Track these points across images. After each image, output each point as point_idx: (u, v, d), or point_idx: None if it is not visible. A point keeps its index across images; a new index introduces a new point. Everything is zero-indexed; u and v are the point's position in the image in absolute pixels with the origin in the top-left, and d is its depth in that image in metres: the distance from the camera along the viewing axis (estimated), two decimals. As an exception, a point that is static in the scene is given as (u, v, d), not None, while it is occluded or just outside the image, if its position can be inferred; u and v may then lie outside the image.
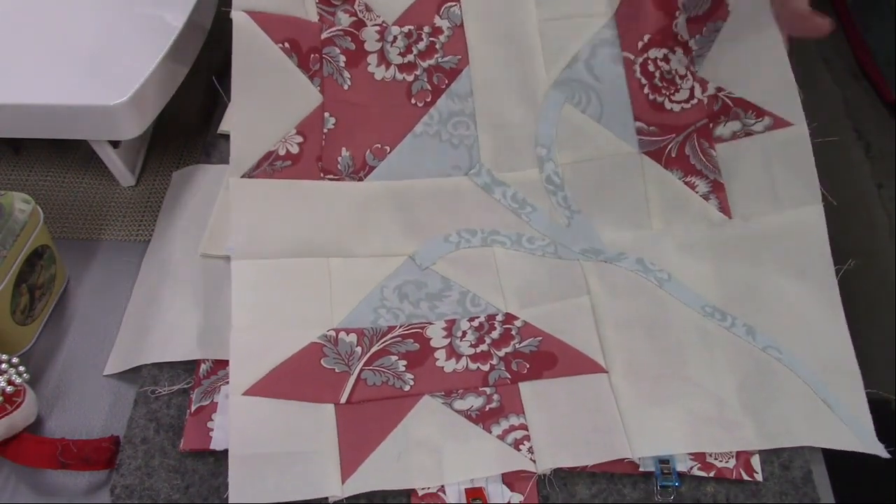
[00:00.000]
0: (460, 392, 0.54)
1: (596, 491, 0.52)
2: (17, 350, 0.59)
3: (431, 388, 0.54)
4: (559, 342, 0.56)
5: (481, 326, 0.57)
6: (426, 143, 0.62)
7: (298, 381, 0.54)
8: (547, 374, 0.55)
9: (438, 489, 0.52)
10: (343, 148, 0.61)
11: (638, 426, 0.52)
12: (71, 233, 0.67)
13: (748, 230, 0.60)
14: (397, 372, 0.55)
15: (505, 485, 0.52)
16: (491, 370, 0.55)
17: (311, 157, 0.60)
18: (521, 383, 0.55)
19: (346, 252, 0.60)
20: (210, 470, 0.53)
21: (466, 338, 0.56)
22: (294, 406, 0.52)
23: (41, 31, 0.65)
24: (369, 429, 0.52)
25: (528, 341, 0.56)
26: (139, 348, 0.58)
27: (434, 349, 0.56)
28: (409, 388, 0.54)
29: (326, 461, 0.50)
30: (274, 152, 0.60)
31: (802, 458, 0.53)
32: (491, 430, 0.53)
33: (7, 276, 0.55)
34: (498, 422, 0.53)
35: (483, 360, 0.56)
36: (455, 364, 0.55)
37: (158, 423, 0.55)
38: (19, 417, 0.52)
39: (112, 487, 0.52)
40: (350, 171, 0.60)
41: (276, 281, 0.57)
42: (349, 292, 0.58)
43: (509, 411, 0.53)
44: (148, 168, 0.72)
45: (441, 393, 0.54)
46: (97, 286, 0.64)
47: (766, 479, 0.52)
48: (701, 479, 0.52)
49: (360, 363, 0.55)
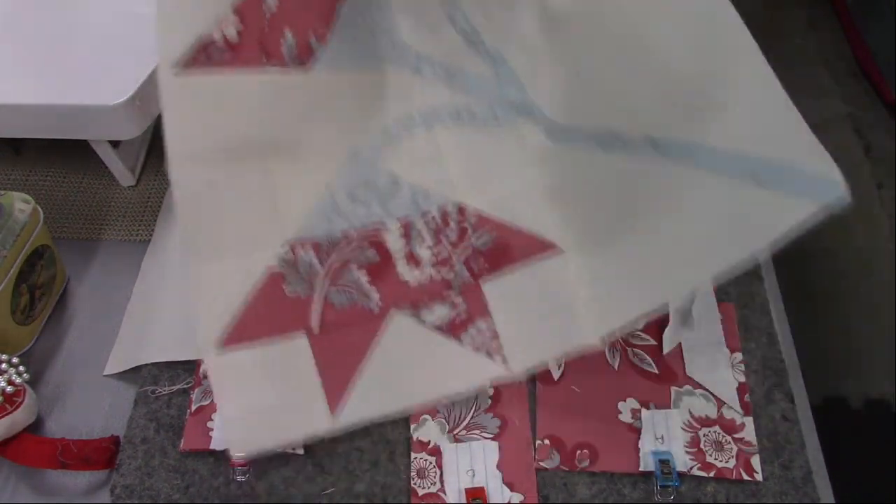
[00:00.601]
0: (427, 302, 0.55)
1: (596, 491, 0.52)
2: (17, 350, 0.59)
3: (398, 301, 0.54)
4: (513, 231, 0.56)
5: (437, 226, 0.57)
6: (356, 33, 0.59)
7: (267, 318, 0.53)
8: (507, 268, 0.55)
9: (438, 489, 0.52)
10: (286, 29, 0.56)
11: (600, 304, 0.52)
12: (71, 233, 0.67)
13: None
14: (362, 289, 0.55)
15: (505, 485, 0.52)
16: (453, 275, 0.56)
17: (252, 42, 0.55)
18: (484, 285, 0.55)
19: (287, 152, 0.58)
20: (210, 470, 0.53)
21: (424, 242, 0.57)
22: (270, 352, 0.52)
23: (41, 31, 0.65)
24: (346, 357, 0.52)
25: (484, 238, 0.57)
26: (139, 348, 0.58)
27: (391, 257, 0.56)
28: (377, 305, 0.54)
29: (312, 398, 0.51)
30: (210, 40, 0.54)
31: (802, 457, 0.53)
32: (462, 339, 0.53)
33: (7, 276, 0.55)
34: (467, 330, 0.54)
35: (444, 265, 0.56)
36: (419, 274, 0.56)
37: (158, 423, 0.55)
38: (19, 417, 0.52)
39: (112, 487, 0.52)
40: (294, 56, 0.56)
41: (218, 194, 0.55)
42: (296, 198, 0.57)
43: (477, 317, 0.54)
44: (148, 168, 0.72)
45: (408, 305, 0.55)
46: (97, 286, 0.64)
47: (766, 479, 0.52)
48: (701, 479, 0.52)
49: (324, 283, 0.55)
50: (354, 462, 0.54)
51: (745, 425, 0.55)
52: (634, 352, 0.59)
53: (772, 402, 0.56)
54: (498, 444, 0.54)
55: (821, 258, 1.18)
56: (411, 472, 0.53)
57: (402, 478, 0.53)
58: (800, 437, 0.54)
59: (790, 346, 0.60)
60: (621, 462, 0.53)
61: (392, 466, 0.53)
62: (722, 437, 0.54)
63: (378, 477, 0.53)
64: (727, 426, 0.55)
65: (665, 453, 0.53)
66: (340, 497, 0.52)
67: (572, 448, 0.54)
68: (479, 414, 0.56)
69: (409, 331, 0.54)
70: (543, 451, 0.54)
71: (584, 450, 0.54)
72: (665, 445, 0.54)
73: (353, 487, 0.53)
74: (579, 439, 0.54)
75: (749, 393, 0.56)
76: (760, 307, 0.61)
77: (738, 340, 0.59)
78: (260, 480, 0.53)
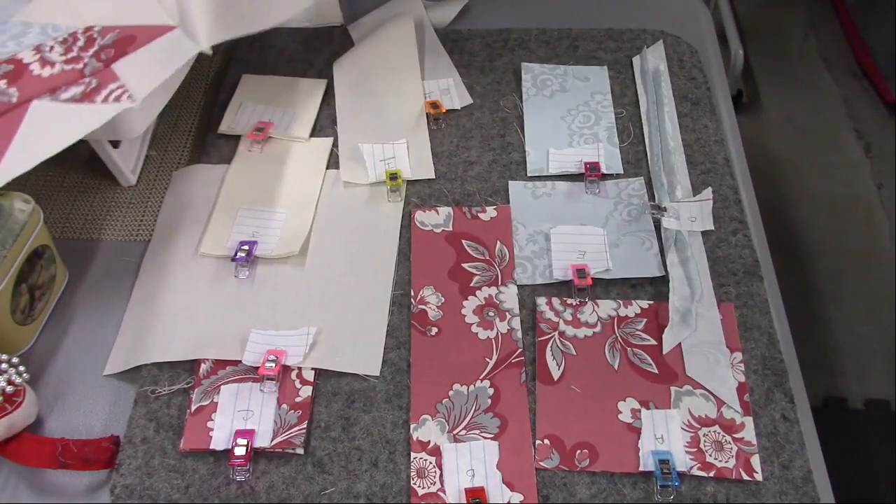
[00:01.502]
0: (63, 88, 0.60)
1: (596, 491, 0.52)
2: (17, 350, 0.59)
3: (36, 92, 0.60)
4: (136, 27, 0.64)
5: (66, 41, 0.64)
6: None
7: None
8: (131, 50, 0.62)
9: (438, 489, 0.52)
10: None
11: (211, 18, 0.63)
12: (71, 233, 0.67)
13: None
14: (1, 90, 0.60)
15: (505, 485, 0.52)
16: (84, 66, 0.62)
17: None
18: (114, 66, 0.61)
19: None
20: (210, 470, 0.53)
21: (55, 51, 0.63)
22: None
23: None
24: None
25: (109, 37, 0.63)
26: (139, 348, 0.58)
27: (28, 64, 0.62)
28: (15, 97, 0.59)
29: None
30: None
31: (802, 457, 0.53)
32: (95, 100, 0.59)
33: (7, 276, 0.55)
34: (99, 92, 0.60)
35: (76, 62, 0.62)
36: (51, 70, 0.61)
37: (158, 423, 0.55)
38: (19, 417, 0.52)
39: (112, 487, 0.52)
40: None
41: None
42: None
43: (108, 83, 0.60)
44: (148, 168, 0.72)
45: (45, 92, 0.60)
46: (97, 286, 0.64)
47: (766, 479, 0.52)
48: (701, 479, 0.52)
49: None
50: (354, 462, 0.54)
51: (745, 425, 0.55)
52: (634, 352, 0.59)
53: (772, 402, 0.56)
54: (498, 444, 0.54)
55: (821, 258, 1.18)
56: (411, 472, 0.53)
57: (402, 478, 0.53)
58: (800, 437, 0.54)
59: (790, 346, 0.60)
60: (621, 462, 0.53)
61: (392, 466, 0.53)
62: (722, 437, 0.54)
63: (378, 477, 0.53)
64: (727, 426, 0.55)
65: (665, 453, 0.53)
66: (340, 497, 0.52)
67: (572, 448, 0.54)
68: (479, 414, 0.56)
69: (48, 109, 0.59)
70: (543, 451, 0.54)
71: (584, 450, 0.54)
72: (665, 445, 0.54)
73: (353, 487, 0.53)
74: (579, 439, 0.54)
75: (749, 393, 0.56)
76: (760, 307, 0.61)
77: (738, 340, 0.59)
78: (260, 480, 0.53)
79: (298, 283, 0.62)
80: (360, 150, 0.70)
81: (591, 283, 0.61)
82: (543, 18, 0.84)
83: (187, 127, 0.75)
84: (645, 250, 0.64)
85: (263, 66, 0.79)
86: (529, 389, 0.57)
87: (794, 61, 0.61)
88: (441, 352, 0.59)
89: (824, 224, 1.05)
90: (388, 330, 0.60)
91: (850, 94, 0.76)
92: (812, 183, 1.29)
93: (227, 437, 0.54)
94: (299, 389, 0.57)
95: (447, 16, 0.84)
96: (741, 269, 0.63)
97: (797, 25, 1.56)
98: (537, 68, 0.78)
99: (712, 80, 0.79)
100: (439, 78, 0.77)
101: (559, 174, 0.70)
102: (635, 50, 0.80)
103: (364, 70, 0.78)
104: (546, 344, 0.59)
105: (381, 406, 0.56)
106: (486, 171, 0.70)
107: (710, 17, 0.87)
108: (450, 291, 0.62)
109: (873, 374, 0.96)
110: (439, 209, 0.67)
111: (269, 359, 0.57)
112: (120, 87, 0.61)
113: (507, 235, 0.65)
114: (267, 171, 0.70)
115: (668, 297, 0.60)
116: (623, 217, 0.67)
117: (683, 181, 0.69)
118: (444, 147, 0.72)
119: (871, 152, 0.72)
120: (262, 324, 0.60)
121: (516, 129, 0.73)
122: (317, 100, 0.76)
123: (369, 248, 0.65)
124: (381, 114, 0.75)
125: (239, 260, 0.62)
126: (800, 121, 1.40)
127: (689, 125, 0.73)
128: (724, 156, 0.71)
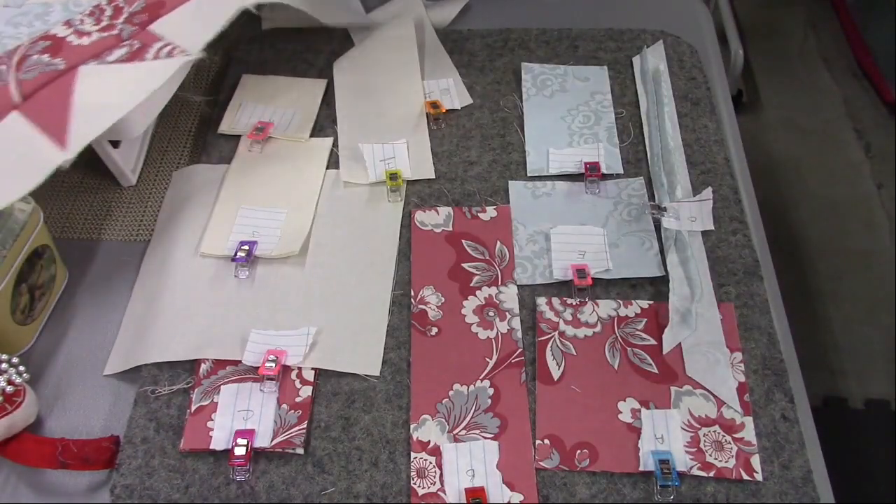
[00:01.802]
0: (106, 52, 0.62)
1: (596, 491, 0.52)
2: (17, 350, 0.59)
3: (81, 59, 0.61)
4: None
5: (93, 13, 0.65)
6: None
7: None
8: (164, 12, 0.64)
9: (438, 489, 0.52)
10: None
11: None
12: (71, 233, 0.67)
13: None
14: (45, 62, 0.61)
15: (505, 485, 0.52)
16: (120, 32, 0.63)
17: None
18: (150, 27, 0.63)
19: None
20: (210, 470, 0.53)
21: (86, 23, 0.65)
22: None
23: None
24: (55, 107, 0.58)
25: (137, 4, 0.64)
26: (139, 348, 0.58)
27: (63, 38, 0.63)
28: (62, 64, 0.61)
29: (39, 148, 0.56)
30: None
31: (802, 457, 0.53)
32: (145, 58, 0.61)
33: (7, 276, 0.55)
34: (148, 52, 0.61)
35: (110, 29, 0.63)
36: (89, 39, 0.63)
37: (158, 423, 0.55)
38: (19, 417, 0.52)
39: (112, 487, 0.52)
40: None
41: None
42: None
43: (153, 43, 0.62)
44: (148, 168, 0.72)
45: (90, 57, 0.61)
46: (97, 286, 0.64)
47: (766, 479, 0.52)
48: (701, 478, 0.52)
49: (11, 72, 0.60)
50: (354, 462, 0.54)
51: (745, 425, 0.55)
52: (634, 352, 0.59)
53: (772, 401, 0.56)
54: (498, 444, 0.54)
55: (821, 258, 1.18)
56: (411, 472, 0.53)
57: (402, 478, 0.53)
58: (800, 437, 0.54)
59: (790, 346, 0.60)
60: (621, 462, 0.53)
61: (392, 466, 0.53)
62: (722, 437, 0.54)
63: (378, 477, 0.53)
64: (727, 426, 0.55)
65: (665, 453, 0.53)
66: (340, 497, 0.52)
67: (572, 448, 0.54)
68: (479, 414, 0.56)
69: (98, 71, 0.60)
70: (543, 451, 0.54)
71: (583, 450, 0.54)
72: (665, 445, 0.54)
73: (353, 487, 0.53)
74: (579, 439, 0.54)
75: (749, 393, 0.56)
76: (760, 307, 0.61)
77: (738, 340, 0.59)
78: (260, 480, 0.53)
79: (298, 283, 0.62)
80: (360, 150, 0.70)
81: (591, 283, 0.61)
82: (543, 18, 0.84)
83: (187, 127, 0.75)
84: (645, 250, 0.64)
85: (263, 66, 0.79)
86: (529, 389, 0.57)
87: (794, 61, 0.61)
88: (441, 352, 0.59)
89: (824, 224, 1.05)
90: (388, 330, 0.60)
91: (850, 94, 0.76)
92: (812, 183, 1.29)
93: (227, 437, 0.54)
94: (299, 389, 0.57)
95: (447, 16, 0.84)
96: (741, 269, 0.63)
97: (797, 25, 1.56)
98: (537, 68, 0.78)
99: (712, 80, 0.79)
100: (439, 78, 0.78)
101: (559, 174, 0.70)
102: (635, 50, 0.80)
103: (364, 70, 0.78)
104: (546, 344, 0.59)
105: (381, 406, 0.56)
106: (486, 171, 0.70)
107: (710, 17, 0.87)
108: (450, 291, 0.62)
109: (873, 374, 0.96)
110: (439, 209, 0.67)
111: (269, 359, 0.57)
112: (166, 44, 0.62)
113: (507, 235, 0.65)
114: (267, 170, 0.70)
115: (668, 297, 0.60)
116: (623, 217, 0.67)
117: (683, 181, 0.69)
118: (444, 147, 0.72)
119: (871, 152, 0.72)
120: (262, 324, 0.60)
121: (516, 129, 0.73)
122: (317, 100, 0.76)
123: (369, 248, 0.65)
124: (381, 114, 0.75)
125: (239, 260, 0.62)
126: (800, 121, 1.40)
127: (689, 125, 0.73)
128: (724, 156, 0.71)
